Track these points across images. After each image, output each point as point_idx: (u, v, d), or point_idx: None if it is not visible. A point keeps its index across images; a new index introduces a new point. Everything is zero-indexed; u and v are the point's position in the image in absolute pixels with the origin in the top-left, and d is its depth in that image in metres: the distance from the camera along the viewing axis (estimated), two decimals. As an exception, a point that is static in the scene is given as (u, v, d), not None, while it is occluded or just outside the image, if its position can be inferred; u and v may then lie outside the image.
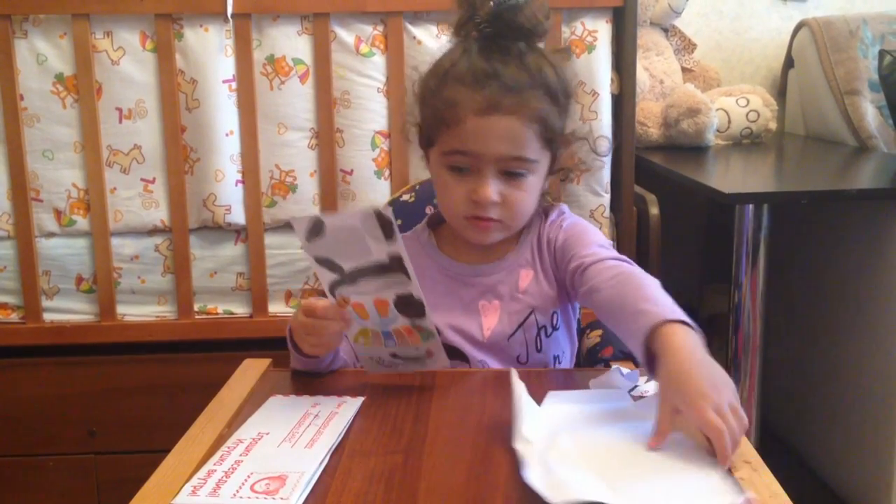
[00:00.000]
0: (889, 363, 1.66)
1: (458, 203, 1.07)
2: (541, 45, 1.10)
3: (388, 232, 0.88)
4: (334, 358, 1.07)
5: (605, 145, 1.64)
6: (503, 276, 1.14)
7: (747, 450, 0.83)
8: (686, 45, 2.35)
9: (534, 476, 0.73)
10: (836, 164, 2.03)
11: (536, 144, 1.05)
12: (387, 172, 1.70)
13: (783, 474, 0.78)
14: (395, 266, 0.91)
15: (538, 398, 0.92)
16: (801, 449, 2.04)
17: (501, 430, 0.84)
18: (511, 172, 1.05)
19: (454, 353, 1.11)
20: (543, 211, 1.18)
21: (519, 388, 0.88)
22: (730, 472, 0.78)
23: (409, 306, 0.96)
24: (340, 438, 0.86)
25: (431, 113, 1.08)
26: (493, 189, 1.04)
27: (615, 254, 1.08)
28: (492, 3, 1.03)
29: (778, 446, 2.07)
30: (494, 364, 1.13)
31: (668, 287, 1.09)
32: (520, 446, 0.79)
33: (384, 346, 1.01)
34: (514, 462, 0.78)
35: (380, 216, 0.88)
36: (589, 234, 1.13)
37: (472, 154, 1.04)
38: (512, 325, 1.12)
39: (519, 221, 1.11)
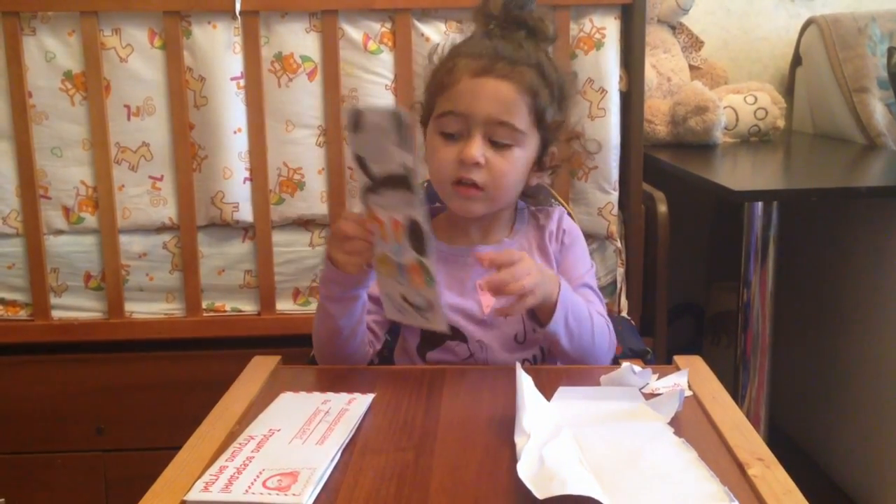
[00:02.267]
0: (898, 361, 1.65)
1: (446, 166, 1.10)
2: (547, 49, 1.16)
3: (403, 138, 0.86)
4: (361, 309, 1.10)
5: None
6: None
7: (759, 447, 0.83)
8: (693, 43, 2.34)
9: (524, 469, 0.72)
10: (845, 161, 2.03)
11: (526, 117, 1.10)
12: (394, 170, 1.69)
13: (792, 473, 0.78)
14: (405, 181, 0.90)
15: (548, 394, 0.92)
16: (810, 447, 2.03)
17: (512, 426, 0.84)
18: (498, 142, 1.09)
19: (454, 332, 1.14)
20: (537, 209, 1.24)
21: (524, 381, 0.88)
22: (743, 470, 0.78)
23: (417, 237, 0.95)
24: (351, 435, 0.86)
25: (434, 83, 1.14)
26: (478, 150, 1.08)
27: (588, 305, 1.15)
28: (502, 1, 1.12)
29: (787, 445, 2.06)
30: (493, 342, 1.14)
31: (675, 284, 1.11)
32: (518, 439, 0.79)
33: (398, 282, 1.01)
34: (522, 458, 0.78)
35: (397, 118, 0.85)
36: (580, 263, 1.21)
37: (463, 114, 1.09)
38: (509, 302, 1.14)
39: (502, 194, 1.13)
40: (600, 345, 1.11)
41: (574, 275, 1.18)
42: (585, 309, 1.10)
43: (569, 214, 1.41)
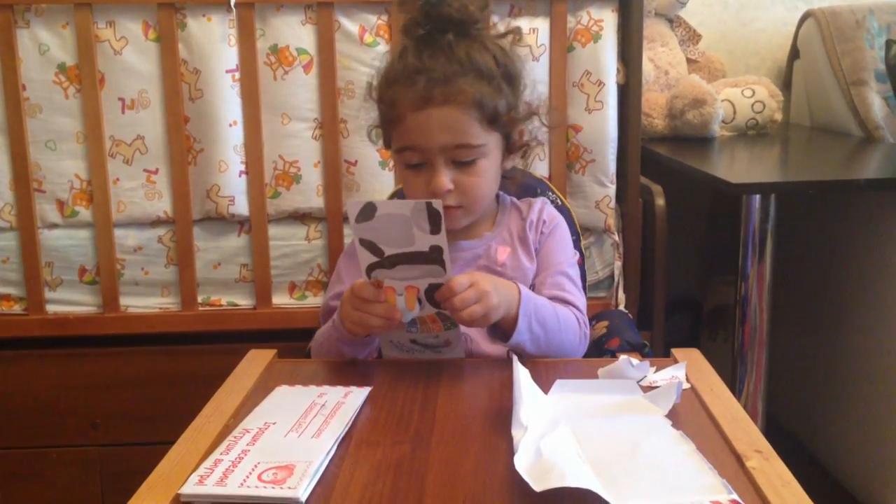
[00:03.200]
0: (895, 355, 1.65)
1: (420, 196, 1.11)
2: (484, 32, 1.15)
3: (435, 225, 0.93)
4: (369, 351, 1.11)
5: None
6: (480, 251, 1.19)
7: (758, 439, 0.82)
8: (691, 36, 2.33)
9: (521, 462, 0.72)
10: (843, 154, 2.02)
11: (479, 129, 1.10)
12: (391, 163, 1.69)
13: (789, 466, 0.78)
14: (434, 257, 0.95)
15: (546, 386, 0.92)
16: (807, 441, 2.03)
17: (508, 418, 0.84)
18: (462, 161, 1.11)
19: None
20: (522, 200, 1.24)
21: (521, 374, 0.87)
22: (741, 462, 0.78)
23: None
24: (347, 428, 0.85)
25: (381, 115, 1.15)
26: (445, 179, 1.10)
27: (562, 293, 1.16)
28: (420, 1, 1.10)
29: (784, 439, 2.05)
30: (477, 335, 1.14)
31: (672, 278, 1.11)
32: (515, 432, 0.79)
33: (405, 332, 1.04)
34: (518, 450, 0.77)
35: (430, 208, 0.93)
36: (559, 251, 1.20)
37: (419, 148, 1.10)
38: None
39: (479, 204, 1.16)
40: (570, 341, 1.12)
41: (553, 261, 1.19)
42: (551, 310, 1.10)
43: (561, 203, 1.41)
